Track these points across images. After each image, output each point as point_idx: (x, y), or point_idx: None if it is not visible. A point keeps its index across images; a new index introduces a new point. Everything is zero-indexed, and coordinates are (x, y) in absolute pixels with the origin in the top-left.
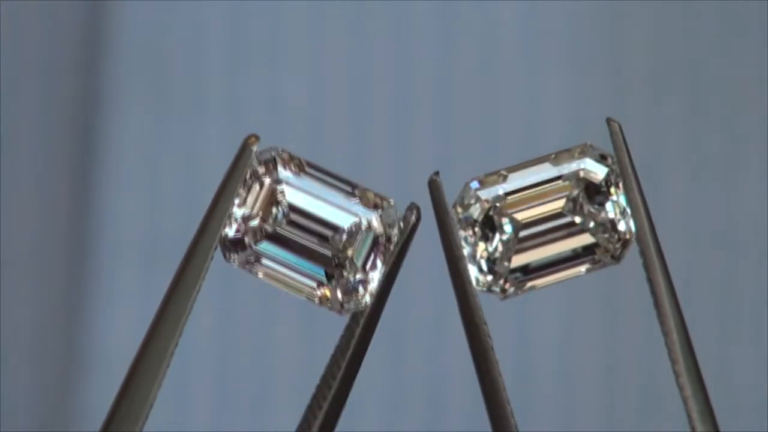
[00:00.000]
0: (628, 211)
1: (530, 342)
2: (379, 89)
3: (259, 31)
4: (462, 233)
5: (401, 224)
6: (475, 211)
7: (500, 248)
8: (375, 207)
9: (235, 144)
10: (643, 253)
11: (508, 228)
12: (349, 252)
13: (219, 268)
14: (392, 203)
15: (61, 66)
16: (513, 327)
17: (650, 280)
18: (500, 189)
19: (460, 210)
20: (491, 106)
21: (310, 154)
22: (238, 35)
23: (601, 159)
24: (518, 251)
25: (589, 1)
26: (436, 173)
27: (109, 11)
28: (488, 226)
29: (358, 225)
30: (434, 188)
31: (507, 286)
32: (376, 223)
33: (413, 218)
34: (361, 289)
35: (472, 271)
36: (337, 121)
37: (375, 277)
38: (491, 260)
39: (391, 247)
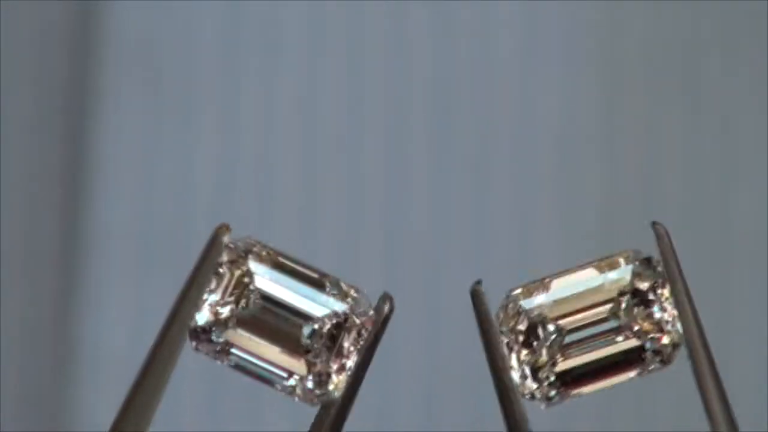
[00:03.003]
0: (676, 314)
1: None
2: (374, 84)
3: (252, 30)
4: (505, 340)
5: (375, 314)
6: (520, 320)
7: (544, 354)
8: (346, 297)
9: (227, 144)
10: (692, 357)
11: (553, 333)
12: (319, 342)
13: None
14: (363, 293)
15: (54, 64)
16: None
17: (699, 385)
18: (544, 297)
19: (503, 318)
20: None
21: (302, 152)
22: (232, 34)
23: (646, 264)
24: (564, 357)
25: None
26: (479, 282)
27: (102, 8)
28: (533, 335)
29: (329, 316)
30: (477, 297)
31: (551, 392)
32: (347, 314)
33: (386, 308)
34: (331, 380)
35: (516, 377)
36: (330, 116)
37: (346, 368)
38: (535, 368)
39: (362, 339)
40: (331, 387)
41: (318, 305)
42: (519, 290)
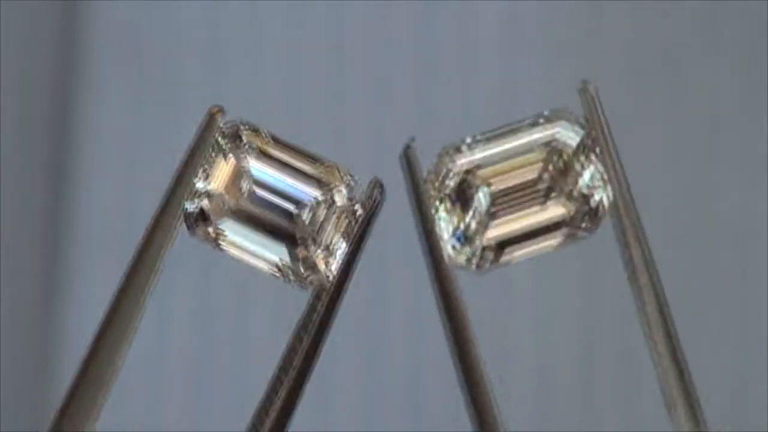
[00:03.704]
0: (605, 178)
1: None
2: (356, 72)
3: (237, 21)
4: (435, 205)
5: (366, 200)
6: (449, 183)
7: (474, 222)
8: (340, 183)
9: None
10: (620, 224)
11: (482, 200)
12: (313, 228)
13: (194, 264)
14: (357, 180)
15: (38, 56)
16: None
17: (626, 253)
18: (474, 158)
19: (433, 180)
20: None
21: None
22: (216, 25)
23: (576, 125)
24: (493, 224)
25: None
26: (412, 140)
27: (87, 2)
28: (462, 198)
29: (322, 201)
30: (409, 157)
31: (482, 260)
32: (340, 199)
33: (377, 195)
34: (324, 265)
35: (446, 244)
36: (315, 107)
37: (338, 254)
38: (466, 234)
39: (355, 224)
40: (322, 272)
41: (312, 189)
42: (449, 148)
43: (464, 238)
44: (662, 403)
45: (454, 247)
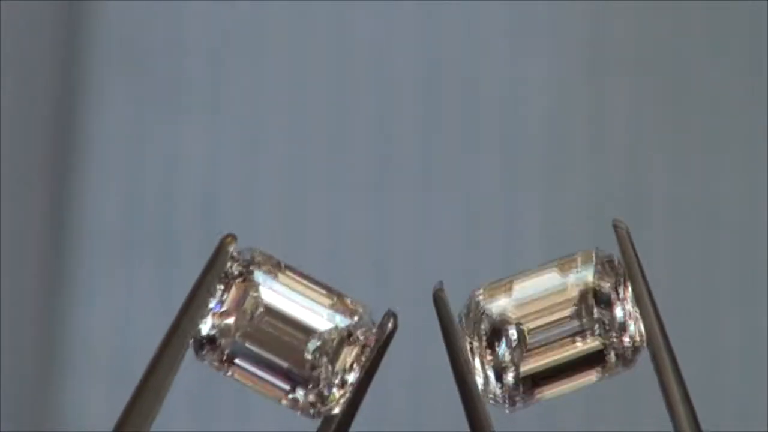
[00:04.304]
0: (638, 315)
1: None
2: (361, 81)
3: (240, 27)
4: (468, 343)
5: (378, 330)
6: (482, 323)
7: (507, 357)
8: (351, 313)
9: (213, 139)
10: (655, 358)
11: (514, 337)
12: (323, 357)
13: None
14: (368, 309)
15: (41, 60)
16: None
17: (663, 384)
18: (506, 300)
19: (466, 321)
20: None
21: (288, 148)
22: (219, 30)
23: (608, 265)
24: (526, 360)
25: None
26: (441, 288)
27: (89, 5)
28: (495, 337)
29: (333, 330)
30: (440, 303)
31: (516, 396)
32: (351, 330)
33: (390, 326)
34: (333, 394)
35: (479, 382)
36: (318, 113)
37: (348, 384)
38: (499, 371)
39: (367, 354)
40: (332, 402)
41: (323, 320)
42: (481, 292)
43: (497, 374)
44: (661, 402)
45: (486, 384)
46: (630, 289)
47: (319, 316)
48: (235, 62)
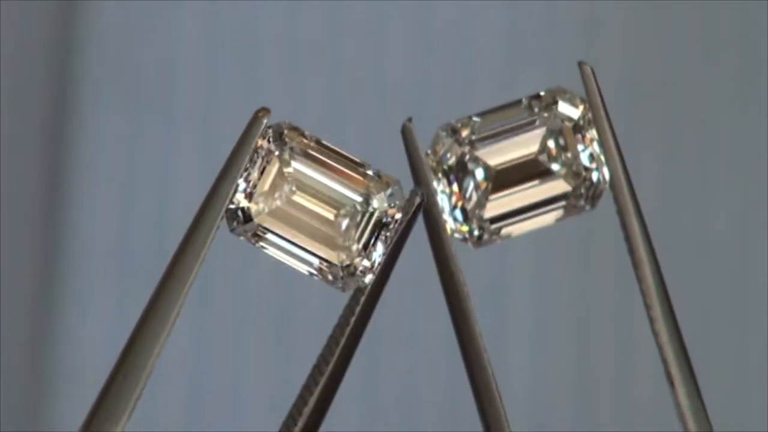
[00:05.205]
0: (602, 157)
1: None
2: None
3: (231, 39)
4: (435, 180)
5: (406, 205)
6: (448, 158)
7: (474, 196)
8: (381, 187)
9: (207, 153)
10: (617, 199)
11: (481, 175)
12: (353, 230)
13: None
14: (399, 184)
15: (33, 73)
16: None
17: (624, 226)
18: (473, 135)
19: (432, 157)
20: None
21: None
22: (211, 43)
23: (574, 103)
24: (492, 199)
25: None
26: (409, 119)
27: (81, 18)
28: (462, 173)
29: (362, 204)
30: (407, 134)
31: (481, 233)
32: (380, 204)
33: (417, 200)
34: (362, 267)
35: (446, 219)
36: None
37: (377, 257)
38: (465, 208)
39: (395, 229)
40: (361, 274)
41: (353, 193)
42: (448, 128)
43: (464, 212)
44: (657, 403)
45: (455, 220)
46: (595, 130)
47: (349, 189)
48: (227, 74)
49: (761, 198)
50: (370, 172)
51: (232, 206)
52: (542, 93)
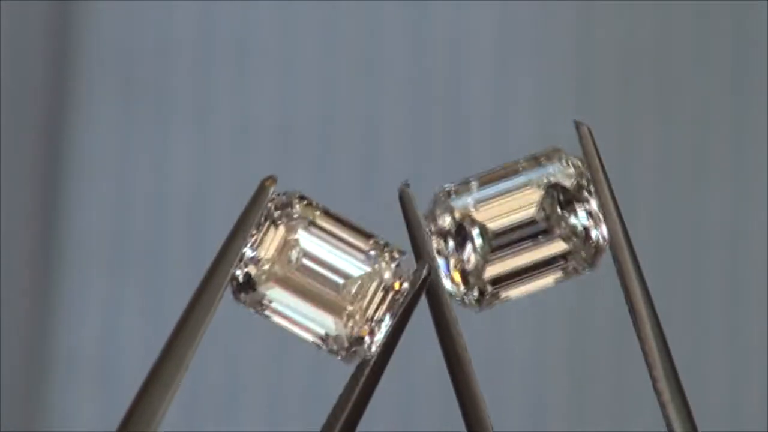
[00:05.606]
0: (601, 216)
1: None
2: (349, 93)
3: (227, 35)
4: (434, 245)
5: (414, 277)
6: (447, 222)
7: (473, 259)
8: (389, 258)
9: (202, 148)
10: (617, 259)
11: (479, 239)
12: (359, 302)
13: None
14: (405, 256)
15: (29, 68)
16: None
17: (625, 287)
18: (470, 198)
19: (431, 221)
20: (459, 110)
21: (276, 155)
22: (207, 39)
23: (571, 164)
24: (491, 262)
25: (560, 1)
26: (407, 184)
27: (78, 13)
28: (460, 237)
29: (370, 275)
30: (405, 199)
31: (480, 296)
32: (387, 275)
33: (424, 272)
34: (368, 339)
35: (446, 283)
36: (305, 122)
37: (383, 328)
38: (465, 272)
39: (402, 299)
40: (366, 346)
41: (360, 264)
42: (446, 191)
43: (463, 275)
44: (653, 408)
45: (453, 285)
46: (593, 190)
47: (356, 260)
48: (222, 69)
49: (760, 199)
50: (377, 243)
51: (236, 276)
52: (538, 155)
